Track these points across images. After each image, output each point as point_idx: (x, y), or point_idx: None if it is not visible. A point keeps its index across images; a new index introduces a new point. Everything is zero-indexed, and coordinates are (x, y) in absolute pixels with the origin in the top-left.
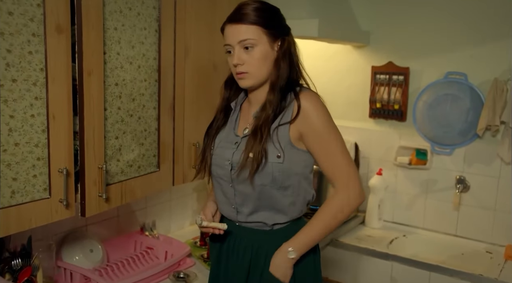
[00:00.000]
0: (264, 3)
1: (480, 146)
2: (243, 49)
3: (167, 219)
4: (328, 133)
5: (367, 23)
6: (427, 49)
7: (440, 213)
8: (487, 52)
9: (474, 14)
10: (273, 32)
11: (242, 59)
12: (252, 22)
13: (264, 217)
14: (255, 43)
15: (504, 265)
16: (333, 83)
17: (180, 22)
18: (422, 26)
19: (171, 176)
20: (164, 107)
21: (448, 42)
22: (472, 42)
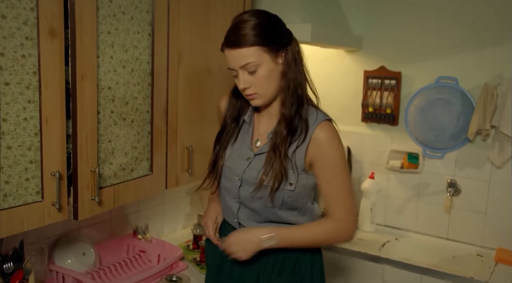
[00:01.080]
0: (260, 15)
1: (471, 150)
2: (247, 72)
3: (159, 222)
4: (339, 170)
5: (359, 28)
6: (419, 54)
7: (432, 217)
8: (477, 57)
9: (465, 20)
10: (274, 47)
11: (248, 82)
12: (251, 44)
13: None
14: (258, 65)
15: (494, 268)
16: (326, 88)
17: (174, 26)
18: (414, 31)
19: (164, 179)
20: (157, 111)
21: (440, 47)
22: (463, 47)
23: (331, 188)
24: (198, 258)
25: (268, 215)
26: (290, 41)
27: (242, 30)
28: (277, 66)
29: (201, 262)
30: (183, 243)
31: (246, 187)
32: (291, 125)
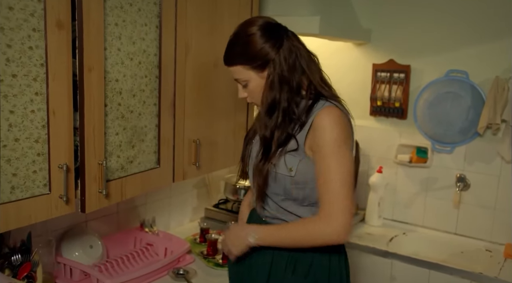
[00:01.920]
0: (240, 33)
1: (480, 144)
2: (241, 85)
3: (166, 215)
4: (329, 154)
5: (368, 20)
6: (428, 47)
7: (440, 211)
8: (488, 50)
9: (475, 13)
10: (258, 64)
11: (244, 93)
12: (235, 64)
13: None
14: (247, 80)
15: (504, 263)
16: (334, 81)
17: (181, 19)
18: (423, 24)
19: (171, 172)
20: (164, 103)
21: (449, 40)
22: (473, 40)
23: (319, 175)
24: (205, 251)
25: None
26: (279, 48)
27: (228, 49)
28: (265, 79)
29: (208, 256)
30: (190, 237)
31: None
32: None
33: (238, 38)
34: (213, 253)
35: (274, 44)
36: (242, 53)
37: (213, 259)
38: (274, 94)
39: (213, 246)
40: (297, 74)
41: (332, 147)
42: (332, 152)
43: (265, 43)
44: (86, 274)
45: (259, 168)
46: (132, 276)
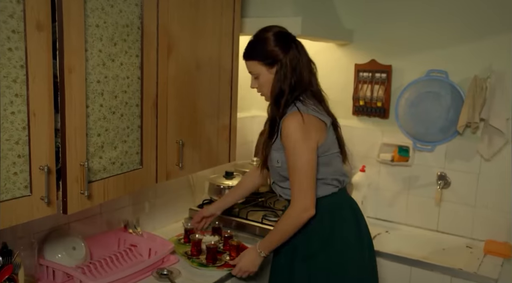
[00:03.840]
0: (258, 35)
1: (460, 142)
2: (253, 77)
3: (151, 216)
4: (292, 152)
5: (350, 21)
6: (409, 47)
7: (422, 209)
8: (467, 50)
9: (455, 13)
10: (268, 62)
11: (255, 85)
12: (251, 58)
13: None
14: (258, 74)
15: (483, 259)
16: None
17: (163, 20)
18: (404, 24)
19: (154, 173)
20: (147, 104)
21: (430, 40)
22: (452, 40)
23: (289, 171)
24: (189, 251)
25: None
26: (286, 52)
27: (248, 47)
28: (272, 75)
29: (192, 256)
30: (175, 237)
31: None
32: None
33: (257, 39)
34: (197, 253)
35: (283, 48)
36: (258, 51)
37: (197, 259)
38: (280, 85)
39: (197, 246)
40: (296, 75)
41: (290, 147)
42: (290, 152)
43: (276, 46)
44: (69, 276)
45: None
46: (115, 277)
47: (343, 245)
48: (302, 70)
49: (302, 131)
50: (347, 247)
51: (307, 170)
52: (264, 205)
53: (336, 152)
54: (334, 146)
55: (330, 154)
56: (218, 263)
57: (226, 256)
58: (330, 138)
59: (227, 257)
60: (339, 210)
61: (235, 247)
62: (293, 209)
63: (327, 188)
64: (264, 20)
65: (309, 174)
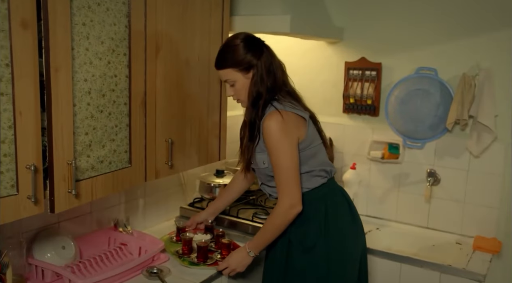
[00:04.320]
0: (228, 44)
1: (450, 139)
2: (229, 85)
3: (141, 215)
4: (276, 150)
5: (340, 19)
6: (399, 44)
7: (412, 206)
8: (456, 48)
9: (444, 11)
10: (244, 67)
11: (231, 92)
12: (225, 67)
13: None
14: (235, 80)
15: (472, 255)
16: (307, 79)
17: (151, 18)
18: (394, 22)
19: (143, 172)
20: (135, 103)
21: (419, 38)
22: (442, 38)
23: (274, 170)
24: (180, 250)
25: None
26: (259, 56)
27: (218, 56)
28: (249, 80)
29: (184, 255)
30: (166, 235)
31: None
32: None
33: (228, 47)
34: (189, 251)
35: (255, 53)
36: (231, 58)
37: (188, 258)
38: (257, 88)
39: (188, 245)
40: (271, 77)
41: (273, 146)
42: (273, 150)
43: (248, 52)
44: (59, 275)
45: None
46: (105, 275)
47: (340, 231)
48: (276, 72)
49: (282, 128)
50: (344, 233)
51: (291, 167)
52: (255, 203)
53: (319, 143)
54: (316, 138)
55: (314, 146)
56: (209, 262)
57: (218, 255)
58: (311, 131)
59: (218, 256)
60: (331, 198)
61: (226, 245)
62: (280, 206)
63: (316, 179)
64: (253, 18)
65: (293, 170)
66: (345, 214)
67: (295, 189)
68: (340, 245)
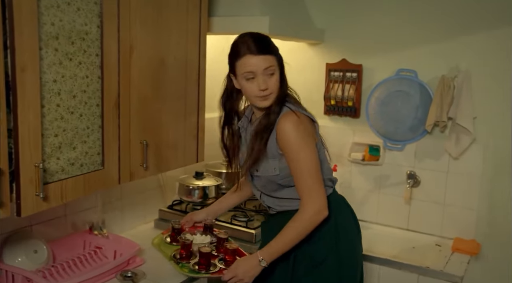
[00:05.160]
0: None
1: (429, 141)
2: (266, 75)
3: (119, 217)
4: (297, 153)
5: (321, 20)
6: (379, 46)
7: (393, 208)
8: (435, 50)
9: (424, 13)
10: (278, 58)
11: (268, 84)
12: (271, 53)
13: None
14: (274, 70)
15: (450, 257)
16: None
17: (124, 18)
18: (374, 24)
19: (116, 174)
20: (108, 104)
21: (400, 40)
22: (421, 40)
23: (294, 175)
24: (177, 254)
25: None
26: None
27: (263, 42)
28: (278, 75)
29: (182, 260)
30: (158, 236)
31: (255, 178)
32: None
33: (263, 36)
34: (187, 256)
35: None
36: (273, 46)
37: (187, 264)
38: (285, 85)
39: (187, 248)
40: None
41: (292, 149)
42: (293, 154)
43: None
44: (30, 280)
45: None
46: (77, 280)
47: (350, 244)
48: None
49: (302, 130)
50: (354, 246)
51: (315, 170)
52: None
53: (323, 151)
54: (322, 146)
55: (322, 153)
56: (212, 270)
57: (221, 262)
58: (319, 138)
59: (222, 263)
60: (339, 211)
61: (231, 251)
62: (305, 212)
63: (326, 189)
64: (232, 19)
65: (317, 173)
66: (352, 226)
67: (320, 193)
68: (350, 259)
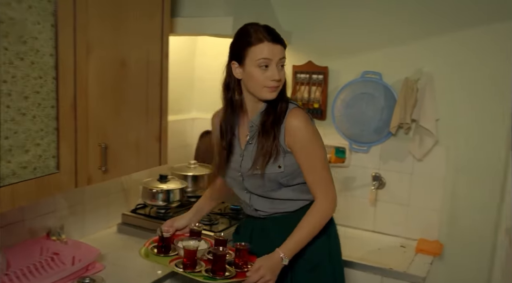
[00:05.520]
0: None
1: (394, 143)
2: (278, 67)
3: (80, 222)
4: (312, 147)
5: (288, 23)
6: (345, 48)
7: (359, 210)
8: (400, 52)
9: (388, 16)
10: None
11: (280, 76)
12: (284, 45)
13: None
14: (284, 62)
15: (414, 258)
16: None
17: (81, 17)
18: (340, 26)
19: (73, 177)
20: (64, 106)
21: (365, 42)
22: (386, 42)
23: (308, 170)
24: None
25: (270, 196)
26: None
27: (278, 34)
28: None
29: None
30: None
31: (247, 179)
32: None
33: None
34: (192, 265)
35: None
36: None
37: (198, 273)
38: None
39: (191, 256)
40: None
41: (305, 144)
42: (307, 149)
43: None
44: None
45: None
46: None
47: (338, 247)
48: None
49: (311, 124)
50: (340, 248)
51: (327, 162)
52: None
53: None
54: None
55: None
56: (229, 274)
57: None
58: None
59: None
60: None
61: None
62: (325, 202)
63: None
64: (195, 20)
65: (328, 166)
66: (336, 227)
67: (333, 187)
68: (340, 261)
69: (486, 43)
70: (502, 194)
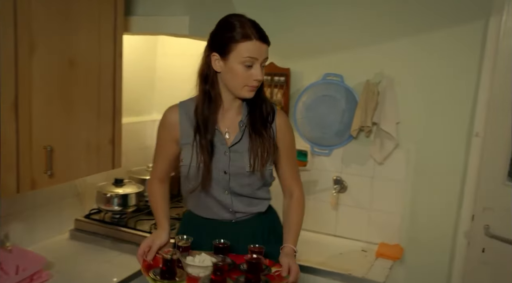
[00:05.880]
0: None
1: (355, 146)
2: (262, 66)
3: (29, 229)
4: (293, 145)
5: None
6: (307, 50)
7: (321, 214)
8: (361, 55)
9: (350, 18)
10: None
11: (262, 75)
12: (269, 44)
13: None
14: (266, 61)
15: (374, 262)
16: None
17: (23, 14)
18: (302, 28)
19: (14, 182)
20: (4, 106)
21: (327, 44)
22: (348, 45)
23: (290, 166)
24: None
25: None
26: None
27: (264, 31)
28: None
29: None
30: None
31: (234, 178)
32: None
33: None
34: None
35: None
36: None
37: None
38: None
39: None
40: None
41: (292, 141)
42: (292, 144)
43: None
44: None
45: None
46: None
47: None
48: None
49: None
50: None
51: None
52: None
53: None
54: None
55: None
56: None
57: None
58: None
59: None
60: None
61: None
62: (302, 192)
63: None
64: (151, 18)
65: None
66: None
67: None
68: None
69: (446, 47)
70: (461, 197)
